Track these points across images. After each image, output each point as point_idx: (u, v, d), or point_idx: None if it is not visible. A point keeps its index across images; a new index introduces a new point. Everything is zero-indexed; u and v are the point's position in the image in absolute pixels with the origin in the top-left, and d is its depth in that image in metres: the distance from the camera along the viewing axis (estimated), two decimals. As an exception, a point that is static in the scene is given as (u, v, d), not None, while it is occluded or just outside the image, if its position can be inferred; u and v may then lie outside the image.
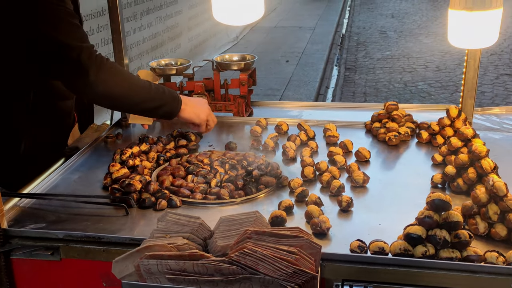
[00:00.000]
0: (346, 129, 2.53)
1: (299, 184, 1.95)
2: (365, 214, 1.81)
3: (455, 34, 1.77)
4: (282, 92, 7.52)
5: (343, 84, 8.29)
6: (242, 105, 2.63)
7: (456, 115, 2.27)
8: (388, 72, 8.62)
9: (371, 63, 9.22)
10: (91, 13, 5.08)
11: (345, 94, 7.77)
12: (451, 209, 1.53)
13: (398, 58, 9.30)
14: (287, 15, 13.60)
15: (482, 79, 8.09)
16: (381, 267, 1.53)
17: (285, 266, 1.35)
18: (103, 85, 1.92)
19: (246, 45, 10.34)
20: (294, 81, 8.06)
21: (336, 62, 9.68)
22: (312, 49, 9.95)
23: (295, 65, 8.92)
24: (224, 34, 9.94)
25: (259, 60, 10.29)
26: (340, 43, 11.11)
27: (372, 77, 8.48)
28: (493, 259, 1.48)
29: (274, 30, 11.86)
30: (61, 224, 1.76)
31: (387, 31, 11.70)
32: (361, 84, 8.18)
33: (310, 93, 7.57)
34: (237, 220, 1.56)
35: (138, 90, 2.05)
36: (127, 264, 1.46)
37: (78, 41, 1.93)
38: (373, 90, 7.85)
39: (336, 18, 13.14)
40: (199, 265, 1.39)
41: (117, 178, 1.97)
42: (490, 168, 1.82)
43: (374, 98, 7.45)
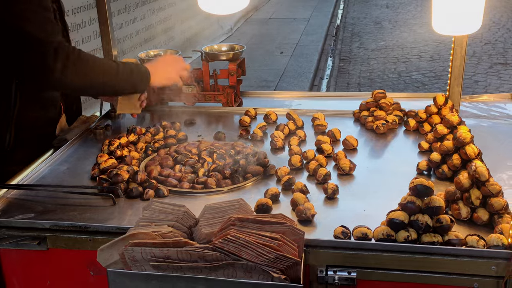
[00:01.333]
0: (335, 118, 2.54)
1: (286, 173, 1.96)
2: (350, 201, 1.83)
3: (439, 21, 1.78)
4: (276, 84, 7.52)
5: (337, 75, 8.30)
6: (231, 95, 2.63)
7: (443, 103, 2.29)
8: (382, 62, 8.62)
9: (365, 54, 9.22)
10: (83, 5, 5.06)
11: (339, 85, 7.77)
12: (433, 195, 1.55)
13: (393, 49, 9.29)
14: (282, 7, 13.56)
15: (475, 68, 8.11)
16: (365, 252, 1.55)
17: (268, 252, 1.37)
18: (69, 79, 1.94)
19: (240, 37, 10.32)
20: (289, 72, 8.06)
21: (331, 53, 9.68)
22: (307, 40, 9.94)
23: (290, 56, 8.91)
24: (217, 26, 9.91)
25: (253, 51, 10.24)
26: (335, 34, 11.10)
27: (366, 67, 8.48)
28: (474, 243, 1.49)
29: (269, 21, 11.84)
30: (49, 215, 1.77)
31: (382, 21, 11.69)
32: (355, 74, 8.18)
33: (304, 84, 7.57)
34: (221, 208, 1.57)
35: (106, 79, 2.09)
36: (112, 253, 1.47)
37: (47, 35, 1.92)
38: (367, 80, 7.85)
39: (330, 9, 13.11)
40: (183, 252, 1.41)
41: (105, 168, 1.98)
42: (474, 154, 1.84)
43: (368, 89, 7.45)
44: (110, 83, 2.14)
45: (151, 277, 1.46)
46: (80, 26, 4.99)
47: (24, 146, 2.17)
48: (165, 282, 1.46)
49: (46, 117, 2.24)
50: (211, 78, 2.65)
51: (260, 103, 2.81)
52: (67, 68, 1.93)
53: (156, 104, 2.66)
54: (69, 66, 1.93)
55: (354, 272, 1.56)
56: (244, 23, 11.59)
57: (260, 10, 13.13)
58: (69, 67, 1.93)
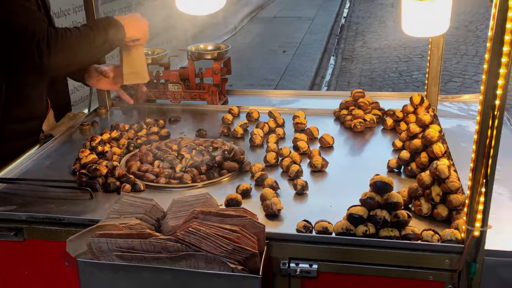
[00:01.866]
0: (317, 116, 2.59)
1: (259, 169, 2.02)
2: (319, 197, 1.88)
3: (407, 23, 1.83)
4: (277, 82, 7.58)
5: (338, 74, 8.33)
6: (216, 94, 2.70)
7: (418, 102, 2.33)
8: (384, 61, 8.64)
9: (368, 53, 9.24)
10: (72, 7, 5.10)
11: (340, 84, 7.81)
12: (392, 191, 1.60)
13: (395, 48, 9.30)
14: (287, 5, 13.60)
15: (477, 68, 8.11)
16: (325, 246, 1.60)
17: (226, 244, 1.43)
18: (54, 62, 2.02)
19: (244, 35, 10.38)
20: (290, 71, 8.11)
21: (334, 52, 9.70)
22: (310, 39, 9.97)
23: (292, 55, 8.95)
24: (222, 24, 9.97)
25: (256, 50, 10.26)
26: (339, 33, 11.12)
27: (368, 66, 8.51)
28: (429, 237, 1.55)
29: (273, 20, 11.88)
30: (28, 207, 1.84)
31: (386, 20, 11.69)
32: (357, 73, 8.21)
33: (305, 83, 7.61)
34: (188, 201, 1.64)
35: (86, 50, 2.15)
36: (80, 243, 1.54)
37: (31, 23, 2.00)
38: (368, 79, 7.88)
39: (336, 8, 13.13)
40: (146, 243, 1.47)
41: (85, 163, 2.05)
42: (441, 153, 1.89)
43: (369, 88, 7.48)
44: (91, 52, 2.18)
45: (118, 267, 1.53)
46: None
47: (11, 139, 2.25)
48: (131, 272, 1.53)
49: (32, 111, 2.31)
50: (197, 76, 2.71)
51: (247, 101, 2.87)
52: (50, 53, 2.00)
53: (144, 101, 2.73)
54: (52, 52, 2.01)
55: (315, 265, 1.62)
56: (249, 21, 11.64)
57: (265, 9, 13.18)
58: (52, 52, 2.01)
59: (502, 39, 1.26)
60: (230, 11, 10.54)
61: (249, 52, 9.11)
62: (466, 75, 7.90)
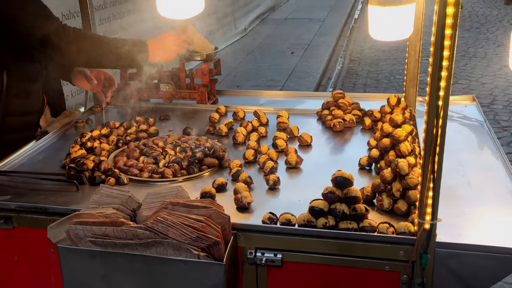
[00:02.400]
0: (300, 116, 2.70)
1: (237, 165, 2.14)
2: (290, 192, 1.99)
3: (373, 27, 1.92)
4: (283, 83, 7.68)
5: (345, 75, 8.40)
6: (205, 94, 2.82)
7: (395, 103, 2.42)
8: (391, 63, 8.69)
9: (376, 55, 9.30)
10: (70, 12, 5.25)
11: (345, 85, 7.88)
12: (352, 186, 1.70)
13: (403, 50, 9.27)
14: (299, 7, 13.70)
15: (484, 70, 8.13)
16: (288, 237, 1.71)
17: (190, 232, 1.55)
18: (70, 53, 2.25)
19: (254, 37, 10.51)
20: (297, 72, 8.20)
21: (342, 53, 9.77)
22: (319, 40, 10.06)
23: (300, 56, 9.04)
24: (232, 26, 10.11)
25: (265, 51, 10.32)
26: (349, 35, 11.18)
27: (375, 68, 8.57)
28: (384, 230, 1.65)
29: (284, 22, 11.99)
30: (19, 198, 1.98)
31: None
32: (363, 75, 8.28)
33: (311, 84, 7.70)
34: (161, 193, 1.76)
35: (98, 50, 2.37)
36: (60, 230, 1.68)
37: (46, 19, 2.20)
38: (374, 81, 7.95)
39: (347, 10, 13.19)
40: (119, 231, 1.60)
41: (75, 158, 2.19)
42: (408, 151, 1.98)
43: (374, 89, 7.55)
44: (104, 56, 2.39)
45: (95, 253, 1.66)
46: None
47: (11, 132, 2.40)
48: (107, 258, 1.66)
49: (30, 106, 2.46)
50: (187, 77, 2.84)
51: (237, 101, 2.98)
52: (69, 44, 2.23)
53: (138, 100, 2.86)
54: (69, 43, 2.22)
55: (280, 254, 1.72)
56: (260, 23, 11.77)
57: (277, 11, 13.29)
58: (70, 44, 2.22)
59: (443, 44, 1.36)
60: (241, 13, 10.68)
61: (257, 54, 9.23)
62: (473, 77, 7.92)
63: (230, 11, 10.04)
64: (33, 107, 2.49)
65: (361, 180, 2.04)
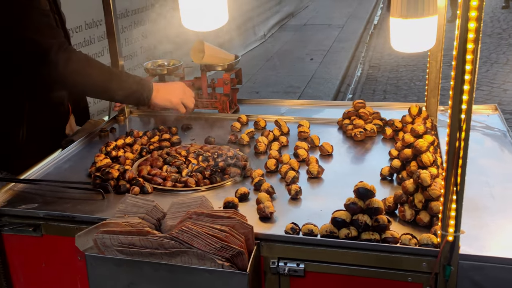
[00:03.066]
0: (321, 125, 2.72)
1: (259, 175, 2.16)
2: (311, 202, 2.00)
3: (395, 39, 1.94)
4: (302, 90, 7.70)
5: (364, 81, 8.39)
6: (226, 103, 2.85)
7: (416, 113, 2.43)
8: (411, 70, 8.66)
9: (395, 61, 9.27)
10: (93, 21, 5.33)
11: (365, 92, 7.87)
12: (374, 197, 1.72)
13: (424, 56, 9.23)
14: (318, 13, 13.72)
15: (506, 77, 8.05)
16: (311, 247, 1.73)
17: (215, 242, 1.58)
18: (72, 75, 2.23)
19: (273, 43, 10.56)
20: (316, 78, 8.22)
21: (361, 59, 9.76)
22: (338, 47, 10.07)
23: (319, 63, 9.07)
24: (251, 32, 10.17)
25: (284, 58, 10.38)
26: (368, 41, 11.16)
27: (394, 74, 8.54)
28: (406, 241, 1.65)
29: (303, 28, 12.03)
30: (47, 206, 2.03)
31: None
32: (383, 82, 8.26)
33: (330, 90, 7.72)
34: (185, 203, 1.79)
35: (107, 79, 2.35)
36: (88, 239, 1.72)
37: (48, 37, 2.21)
38: (394, 88, 7.92)
39: (367, 15, 13.18)
40: (144, 240, 1.63)
41: (100, 167, 2.23)
42: (430, 162, 1.98)
43: (394, 96, 7.53)
44: (111, 86, 2.39)
45: (121, 261, 1.69)
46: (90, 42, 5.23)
47: (36, 141, 2.45)
48: (133, 267, 1.69)
49: (54, 114, 2.52)
50: (209, 86, 2.88)
51: (259, 110, 3.01)
52: (69, 65, 2.22)
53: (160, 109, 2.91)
54: (70, 63, 2.22)
55: (302, 264, 1.74)
56: (279, 29, 11.82)
57: (296, 17, 13.34)
58: (70, 64, 2.22)
59: (464, 58, 1.37)
60: (260, 19, 10.74)
61: (277, 60, 9.27)
62: (495, 83, 7.85)
63: (249, 17, 10.10)
64: (58, 116, 2.55)
65: (382, 190, 2.05)
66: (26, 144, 2.43)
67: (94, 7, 4.89)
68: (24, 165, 2.34)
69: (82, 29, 4.94)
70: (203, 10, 2.04)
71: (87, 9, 4.91)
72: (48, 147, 2.49)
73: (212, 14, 2.07)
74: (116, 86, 2.40)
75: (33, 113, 2.41)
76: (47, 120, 2.48)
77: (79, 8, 4.79)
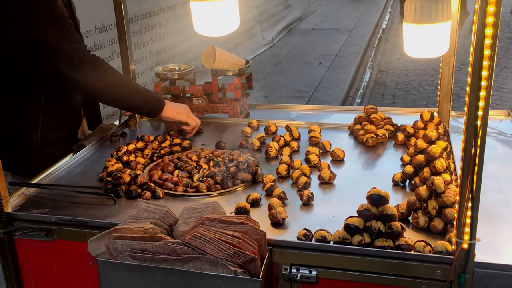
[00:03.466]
0: (332, 130, 2.71)
1: (270, 180, 2.15)
2: (323, 208, 1.99)
3: (408, 45, 1.93)
4: (310, 94, 7.68)
5: (373, 86, 8.36)
6: (237, 108, 2.85)
7: (428, 119, 2.41)
8: (420, 74, 8.62)
9: (404, 65, 9.23)
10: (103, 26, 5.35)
11: (374, 96, 7.84)
12: (387, 204, 1.70)
13: (433, 61, 9.23)
14: (326, 17, 13.71)
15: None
16: (323, 253, 1.72)
17: (227, 248, 1.57)
18: (91, 81, 2.26)
19: (281, 47, 10.55)
20: (324, 83, 8.20)
21: (370, 64, 9.74)
22: (346, 51, 10.05)
23: (327, 67, 9.05)
24: (259, 36, 10.17)
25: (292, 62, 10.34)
26: (376, 45, 11.14)
27: (403, 79, 8.51)
28: (420, 248, 1.64)
29: (311, 32, 12.02)
30: (58, 210, 2.03)
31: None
32: (392, 86, 8.23)
33: (338, 95, 7.69)
34: (198, 208, 1.79)
35: (123, 88, 2.40)
36: (100, 244, 1.71)
37: (69, 42, 2.24)
38: (403, 92, 7.89)
39: (375, 20, 13.15)
40: (157, 245, 1.63)
41: (111, 171, 2.24)
42: (443, 168, 1.97)
43: (403, 101, 7.50)
44: (127, 95, 2.44)
45: (133, 267, 1.69)
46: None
47: (50, 145, 2.46)
48: (145, 272, 1.69)
49: (68, 119, 2.53)
50: (220, 91, 2.88)
51: (269, 115, 3.01)
52: (90, 69, 2.25)
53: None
54: (92, 67, 2.26)
55: (315, 271, 1.73)
56: (287, 33, 11.82)
57: (304, 21, 13.33)
58: (90, 70, 2.26)
59: (481, 64, 1.36)
60: (269, 24, 10.75)
61: (285, 64, 9.27)
62: (505, 88, 7.80)
63: (258, 22, 10.12)
64: (72, 120, 2.56)
65: (395, 196, 2.03)
66: (40, 148, 2.43)
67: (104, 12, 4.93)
68: (37, 168, 2.35)
69: (92, 34, 4.97)
70: (215, 15, 2.04)
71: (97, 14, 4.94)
72: (61, 151, 2.50)
73: (224, 19, 2.07)
74: (133, 97, 2.47)
75: (48, 117, 2.41)
76: (61, 124, 2.49)
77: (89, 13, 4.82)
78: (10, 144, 2.38)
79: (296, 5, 12.92)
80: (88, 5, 4.77)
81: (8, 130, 2.39)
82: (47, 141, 2.45)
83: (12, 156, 2.38)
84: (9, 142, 2.37)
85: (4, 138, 2.42)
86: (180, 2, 6.81)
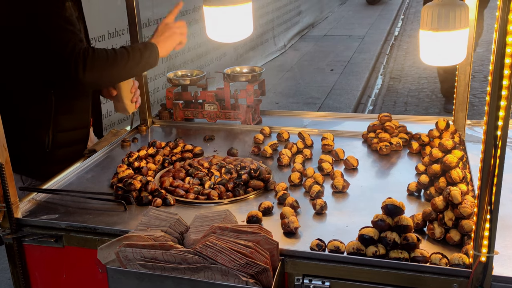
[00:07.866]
0: (345, 138, 2.67)
1: (283, 188, 2.12)
2: (336, 217, 1.96)
3: (425, 53, 1.89)
4: (322, 101, 7.65)
5: (385, 93, 8.31)
6: (249, 114, 2.82)
7: (444, 127, 2.37)
8: (433, 82, 8.54)
9: (417, 73, 9.16)
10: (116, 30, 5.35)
11: (386, 103, 7.79)
12: (403, 214, 1.67)
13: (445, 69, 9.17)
14: (338, 24, 13.68)
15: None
16: (337, 264, 1.68)
17: (239, 258, 1.54)
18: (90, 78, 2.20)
19: (293, 54, 10.53)
20: (336, 90, 8.16)
21: (382, 71, 9.68)
22: (359, 58, 10.00)
23: (339, 74, 9.01)
24: (271, 42, 10.17)
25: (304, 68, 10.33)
26: (389, 52, 11.08)
27: (416, 86, 8.44)
28: (437, 260, 1.60)
29: (323, 38, 11.99)
30: (68, 216, 2.02)
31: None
32: (404, 93, 8.17)
33: (350, 102, 7.65)
34: (209, 217, 1.76)
35: (121, 68, 2.32)
36: (110, 252, 1.69)
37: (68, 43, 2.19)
38: (415, 100, 7.82)
39: (387, 26, 13.09)
40: (168, 254, 1.60)
41: (122, 177, 2.22)
42: (459, 178, 1.93)
43: (415, 108, 7.44)
44: (125, 70, 2.36)
45: (143, 275, 1.66)
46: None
47: (61, 148, 2.45)
48: (155, 281, 1.66)
49: (79, 122, 2.51)
50: (232, 97, 2.86)
51: (281, 122, 2.98)
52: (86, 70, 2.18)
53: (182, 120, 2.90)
54: (88, 68, 2.19)
55: (328, 282, 1.69)
56: (299, 40, 11.80)
57: (316, 27, 13.31)
58: (88, 69, 2.19)
59: (502, 73, 1.32)
60: (281, 30, 10.74)
61: (297, 71, 9.25)
62: (519, 96, 7.70)
63: (270, 28, 10.11)
64: (82, 123, 2.54)
65: (410, 207, 1.99)
66: (52, 150, 2.42)
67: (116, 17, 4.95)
68: (48, 171, 2.35)
69: (105, 38, 4.99)
70: (228, 21, 2.02)
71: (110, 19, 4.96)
72: (72, 153, 2.49)
73: (238, 25, 2.05)
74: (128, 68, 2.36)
75: (59, 120, 2.40)
76: (72, 126, 2.47)
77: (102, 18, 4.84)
78: (21, 147, 2.37)
79: (308, 12, 12.91)
80: (101, 10, 4.80)
81: (19, 132, 2.38)
82: (58, 144, 2.44)
83: (23, 159, 2.38)
84: (20, 145, 2.36)
85: (15, 140, 2.41)
86: (193, 8, 6.82)
